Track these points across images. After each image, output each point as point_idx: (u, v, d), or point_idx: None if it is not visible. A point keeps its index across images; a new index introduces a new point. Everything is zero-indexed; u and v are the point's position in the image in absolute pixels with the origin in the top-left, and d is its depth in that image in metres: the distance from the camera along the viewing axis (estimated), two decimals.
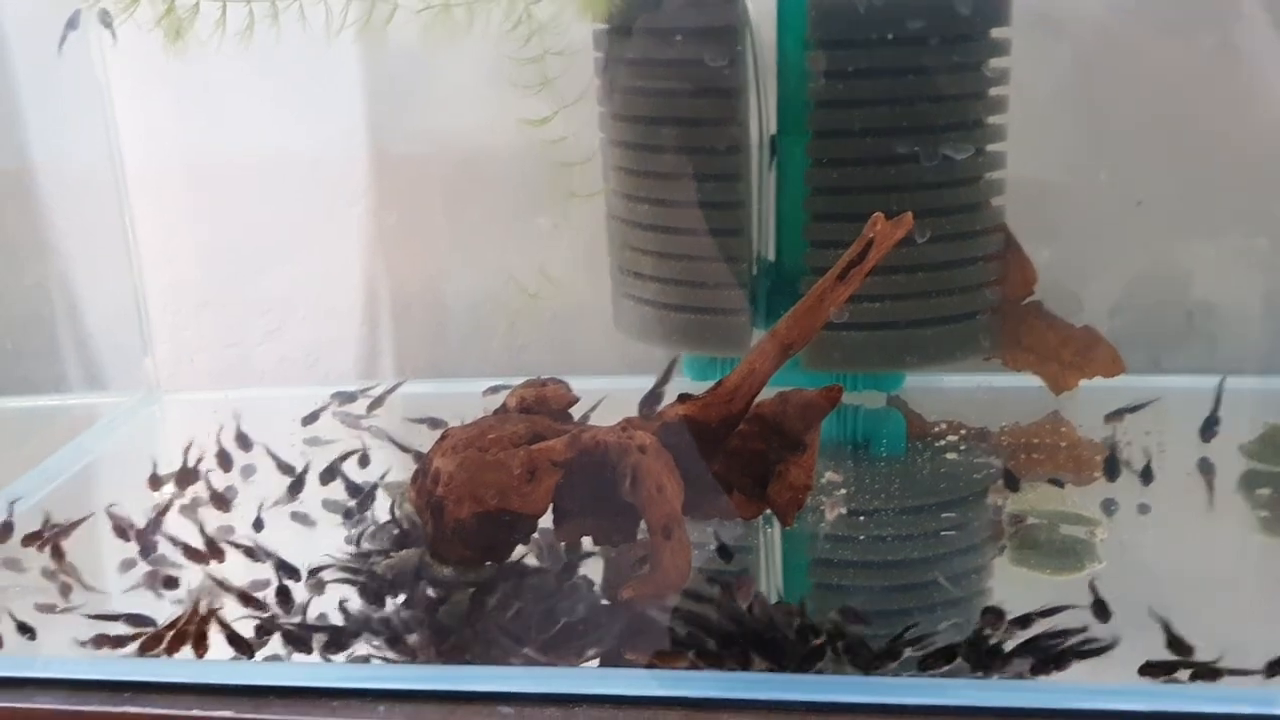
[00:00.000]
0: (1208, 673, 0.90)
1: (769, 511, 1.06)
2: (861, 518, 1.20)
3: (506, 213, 1.54)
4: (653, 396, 1.16)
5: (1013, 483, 1.22)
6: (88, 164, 1.56)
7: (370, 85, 1.59)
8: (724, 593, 0.99)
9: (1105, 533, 1.13)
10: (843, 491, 1.23)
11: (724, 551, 1.04)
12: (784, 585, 1.14)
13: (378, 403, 1.49)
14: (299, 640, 0.98)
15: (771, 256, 1.37)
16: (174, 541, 1.17)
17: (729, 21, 1.28)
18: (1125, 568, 1.09)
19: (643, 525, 1.03)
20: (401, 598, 1.01)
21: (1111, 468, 1.23)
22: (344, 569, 1.07)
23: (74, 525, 1.20)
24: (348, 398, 1.49)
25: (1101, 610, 0.98)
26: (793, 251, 1.34)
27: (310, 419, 1.45)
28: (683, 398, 1.05)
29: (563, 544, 1.04)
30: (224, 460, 1.35)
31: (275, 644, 1.01)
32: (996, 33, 1.31)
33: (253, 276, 1.62)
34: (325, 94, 1.59)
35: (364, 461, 1.32)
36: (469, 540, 0.99)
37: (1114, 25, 1.45)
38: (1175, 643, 0.93)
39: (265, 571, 1.11)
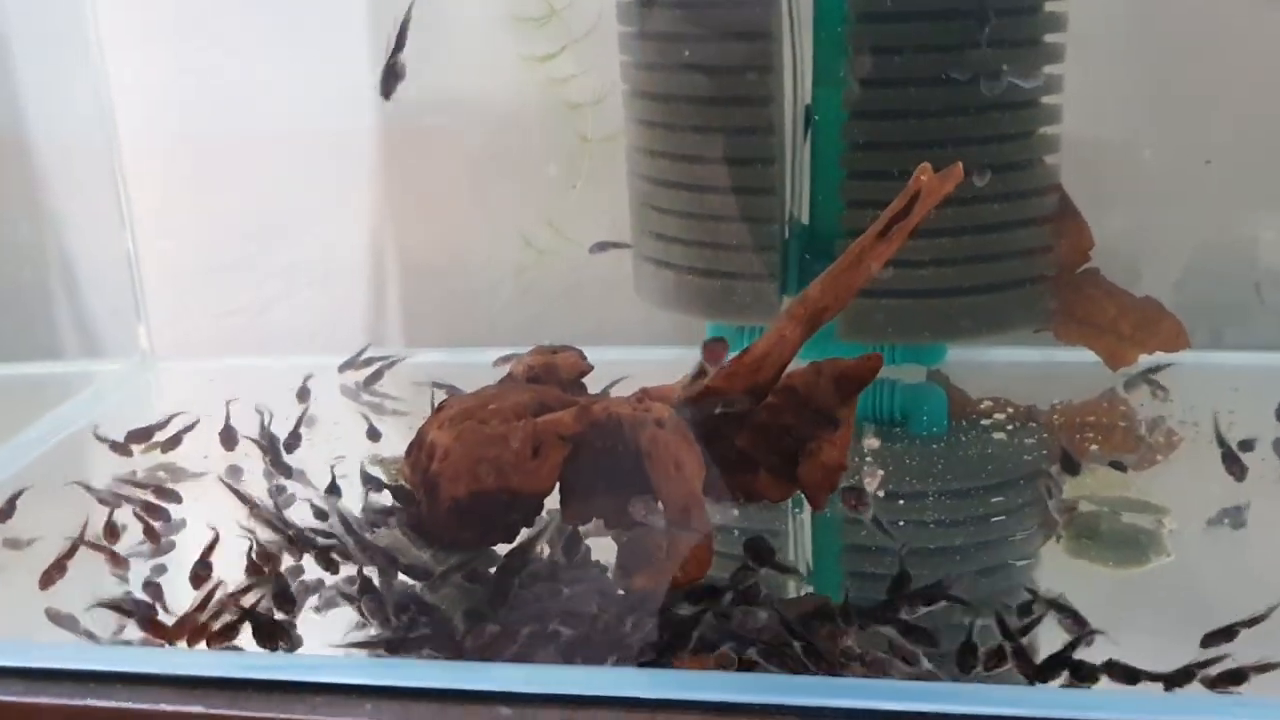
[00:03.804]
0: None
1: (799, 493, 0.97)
2: (901, 501, 1.10)
3: (522, 168, 1.44)
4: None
5: (1071, 466, 1.12)
6: (81, 126, 1.49)
7: (376, 39, 1.50)
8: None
9: (1174, 522, 1.02)
10: (880, 473, 1.13)
11: (759, 550, 0.93)
12: (815, 574, 1.04)
13: (375, 377, 1.40)
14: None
15: (805, 218, 1.28)
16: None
17: None
18: (1195, 563, 0.99)
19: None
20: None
21: (1234, 463, 1.09)
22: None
23: None
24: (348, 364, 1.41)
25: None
26: (828, 213, 1.25)
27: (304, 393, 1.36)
28: (704, 367, 0.95)
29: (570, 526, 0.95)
30: (228, 437, 1.25)
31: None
32: None
33: (257, 241, 1.54)
34: (329, 49, 1.50)
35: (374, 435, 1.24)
36: (466, 521, 0.90)
37: None
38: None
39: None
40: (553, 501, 0.95)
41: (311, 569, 0.98)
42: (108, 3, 1.48)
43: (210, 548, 0.98)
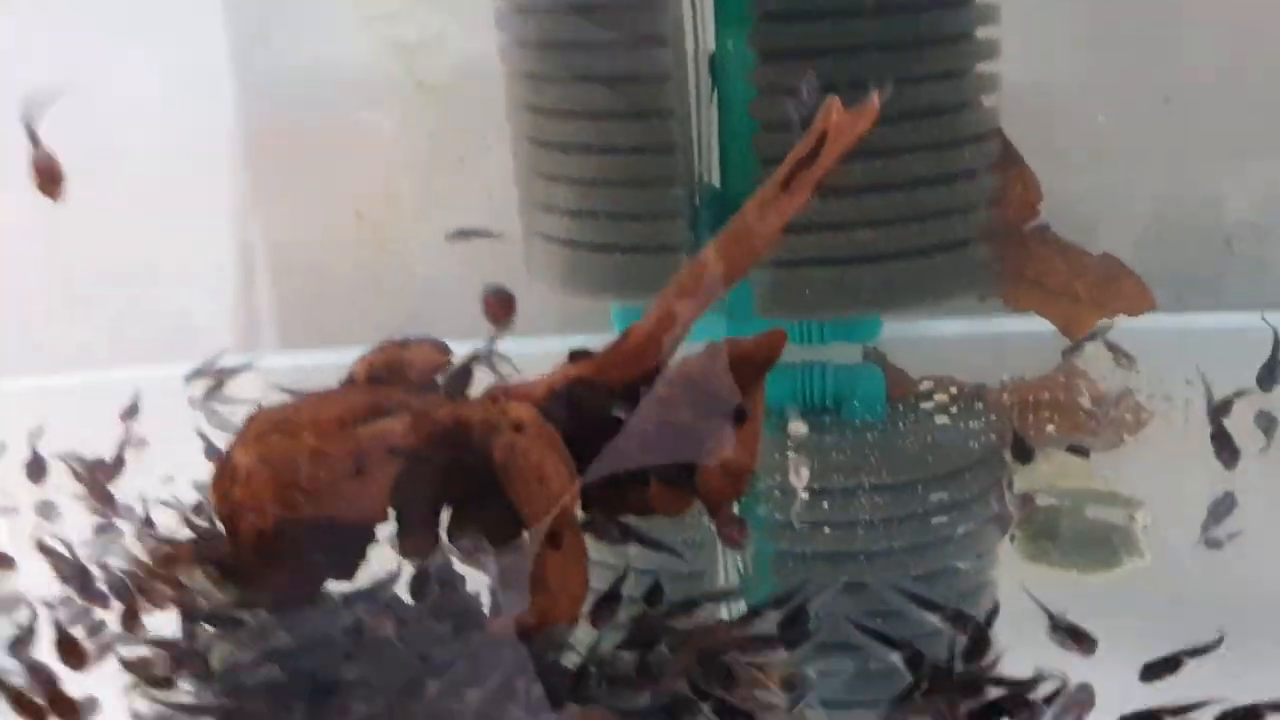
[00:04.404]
0: None
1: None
2: (825, 504, 0.94)
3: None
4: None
5: (1023, 452, 0.97)
6: None
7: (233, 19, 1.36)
8: None
9: (1149, 516, 0.86)
10: (805, 469, 0.97)
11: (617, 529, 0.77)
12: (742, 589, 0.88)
13: (216, 387, 1.23)
14: None
15: (716, 180, 1.15)
16: None
17: None
18: (1176, 563, 0.83)
19: None
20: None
21: (1225, 445, 0.94)
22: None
23: None
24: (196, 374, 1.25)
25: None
26: (741, 173, 1.12)
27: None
28: (575, 355, 0.78)
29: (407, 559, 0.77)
30: (36, 469, 1.06)
31: None
32: None
33: (109, 246, 1.38)
34: (179, 35, 1.37)
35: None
36: (277, 558, 0.73)
37: None
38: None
39: None
40: None
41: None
42: None
43: None
